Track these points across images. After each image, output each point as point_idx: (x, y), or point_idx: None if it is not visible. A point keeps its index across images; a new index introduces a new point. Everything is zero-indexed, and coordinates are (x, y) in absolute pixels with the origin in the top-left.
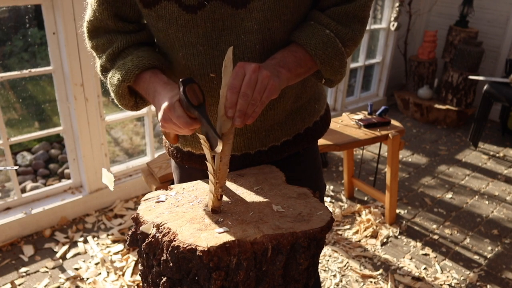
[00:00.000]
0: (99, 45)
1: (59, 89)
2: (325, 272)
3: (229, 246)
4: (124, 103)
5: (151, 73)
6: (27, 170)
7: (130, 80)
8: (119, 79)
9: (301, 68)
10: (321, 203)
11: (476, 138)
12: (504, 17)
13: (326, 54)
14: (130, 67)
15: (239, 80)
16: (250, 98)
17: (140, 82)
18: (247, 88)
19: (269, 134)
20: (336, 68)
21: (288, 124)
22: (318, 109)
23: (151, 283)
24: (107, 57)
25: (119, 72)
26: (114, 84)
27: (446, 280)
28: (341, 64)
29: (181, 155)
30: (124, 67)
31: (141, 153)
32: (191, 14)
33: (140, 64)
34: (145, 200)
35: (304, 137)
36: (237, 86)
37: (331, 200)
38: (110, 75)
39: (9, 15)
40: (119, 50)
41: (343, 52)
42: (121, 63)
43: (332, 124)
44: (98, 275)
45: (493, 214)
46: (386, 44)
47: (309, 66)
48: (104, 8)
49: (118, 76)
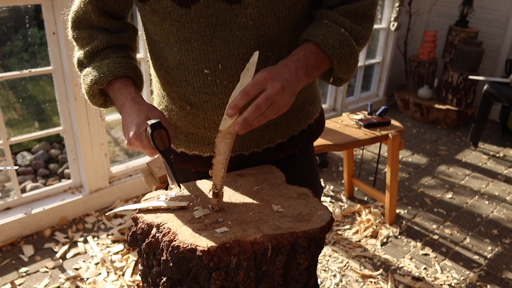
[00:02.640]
0: (80, 38)
1: (59, 89)
2: (325, 272)
3: (229, 246)
4: (93, 101)
5: (121, 83)
6: (27, 170)
7: (103, 84)
8: (91, 80)
9: (318, 71)
10: (321, 203)
11: (476, 138)
12: (504, 17)
13: (343, 53)
14: (105, 72)
15: (256, 89)
16: (261, 112)
17: (110, 89)
18: (264, 102)
19: (263, 135)
20: (351, 67)
21: (283, 125)
22: (313, 112)
23: (151, 283)
24: (86, 53)
25: (93, 73)
26: (86, 83)
27: (446, 280)
28: (355, 63)
29: (175, 157)
30: (100, 69)
31: (141, 153)
32: (184, 8)
33: (115, 71)
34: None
35: (299, 139)
36: (251, 94)
37: (331, 200)
38: (85, 72)
39: (9, 15)
40: (98, 49)
41: (357, 50)
42: (97, 64)
43: (332, 124)
44: (98, 275)
45: (493, 214)
46: (386, 44)
47: (324, 68)
48: (88, 1)
49: (91, 77)
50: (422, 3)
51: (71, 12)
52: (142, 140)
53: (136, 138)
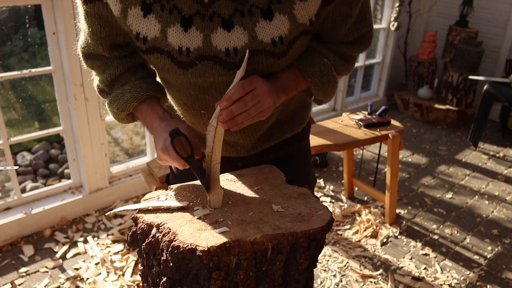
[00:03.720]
0: (95, 66)
1: (59, 89)
2: (325, 272)
3: (229, 246)
4: (122, 122)
5: (147, 105)
6: (27, 170)
7: (129, 110)
8: (118, 109)
9: (296, 91)
10: (320, 203)
11: (476, 138)
12: (504, 17)
13: (321, 82)
14: (129, 99)
15: (247, 87)
16: (246, 108)
17: (137, 112)
18: (250, 99)
19: (256, 146)
20: (328, 93)
21: (275, 132)
22: (306, 116)
23: (151, 283)
24: (104, 82)
25: (118, 102)
26: (113, 112)
27: (446, 280)
28: (333, 90)
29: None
30: (123, 97)
31: (141, 153)
32: (182, 69)
33: (139, 96)
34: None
35: (291, 141)
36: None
37: (331, 200)
38: (109, 101)
39: (9, 15)
40: (116, 76)
41: (336, 80)
42: (119, 92)
43: (332, 124)
44: (98, 275)
45: (493, 214)
46: (386, 44)
47: (303, 89)
48: (98, 43)
49: (117, 105)
50: (422, 3)
51: (79, 47)
52: (169, 153)
53: (163, 151)
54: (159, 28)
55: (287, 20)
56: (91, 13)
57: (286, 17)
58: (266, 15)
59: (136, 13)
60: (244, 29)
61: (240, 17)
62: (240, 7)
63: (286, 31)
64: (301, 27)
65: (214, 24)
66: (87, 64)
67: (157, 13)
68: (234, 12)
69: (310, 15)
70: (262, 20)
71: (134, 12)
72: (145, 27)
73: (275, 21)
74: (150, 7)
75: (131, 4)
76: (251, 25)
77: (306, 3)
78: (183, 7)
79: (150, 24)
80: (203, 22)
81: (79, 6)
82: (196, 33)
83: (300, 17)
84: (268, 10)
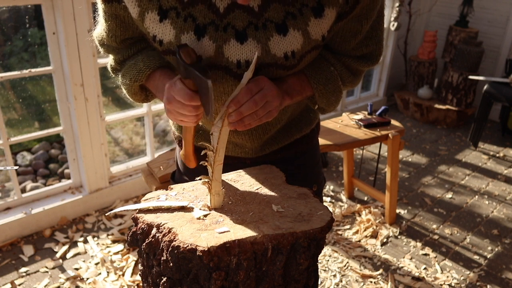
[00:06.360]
0: (110, 51)
1: (59, 89)
2: (325, 272)
3: (229, 246)
4: (135, 98)
5: (160, 71)
6: (27, 170)
7: (142, 80)
8: (131, 79)
9: (301, 96)
10: (321, 198)
11: (476, 138)
12: (504, 17)
13: (326, 89)
14: (142, 68)
15: (254, 90)
16: (255, 108)
17: (150, 80)
18: (260, 99)
19: (264, 148)
20: (331, 102)
21: (283, 134)
22: (314, 117)
23: (151, 283)
24: (117, 61)
25: (131, 72)
26: (126, 83)
27: (446, 280)
28: (336, 99)
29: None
30: (136, 67)
31: (141, 153)
32: None
33: (151, 65)
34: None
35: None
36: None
37: (331, 200)
38: (122, 73)
39: (9, 15)
40: (128, 56)
41: (341, 90)
42: (132, 62)
43: (332, 124)
44: (98, 275)
45: (493, 214)
46: (386, 44)
47: (308, 95)
48: (112, 40)
49: (130, 76)
50: (422, 3)
51: (95, 35)
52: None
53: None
54: (173, 33)
55: (301, 36)
56: (108, 12)
57: (300, 33)
58: (280, 30)
59: (153, 18)
60: (257, 42)
61: (254, 30)
62: (255, 21)
63: (299, 46)
64: (314, 42)
65: (227, 35)
66: (103, 51)
67: (172, 19)
68: (249, 24)
69: (323, 31)
70: (276, 35)
71: (151, 16)
72: (161, 31)
73: (289, 36)
74: (166, 13)
75: (148, 8)
76: (265, 39)
77: (321, 20)
78: (198, 15)
79: (166, 29)
80: (216, 32)
81: (98, 2)
82: (209, 43)
83: (313, 33)
84: (282, 26)
